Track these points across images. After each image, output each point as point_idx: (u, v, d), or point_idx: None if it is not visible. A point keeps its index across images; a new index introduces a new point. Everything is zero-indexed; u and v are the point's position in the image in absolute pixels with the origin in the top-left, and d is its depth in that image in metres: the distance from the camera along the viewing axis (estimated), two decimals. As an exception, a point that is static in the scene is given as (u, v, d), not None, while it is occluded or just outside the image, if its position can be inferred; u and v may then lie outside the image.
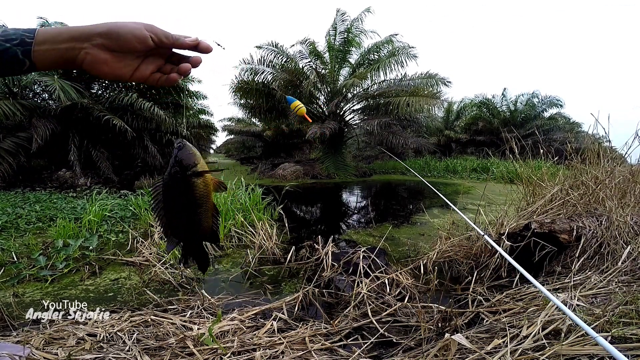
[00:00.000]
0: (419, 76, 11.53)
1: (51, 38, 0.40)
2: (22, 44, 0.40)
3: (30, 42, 0.40)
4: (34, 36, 0.40)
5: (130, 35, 0.41)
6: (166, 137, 10.31)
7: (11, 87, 7.28)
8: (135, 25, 0.42)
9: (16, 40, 0.40)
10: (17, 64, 0.40)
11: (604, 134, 2.75)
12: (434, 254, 2.60)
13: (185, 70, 0.47)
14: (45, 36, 0.40)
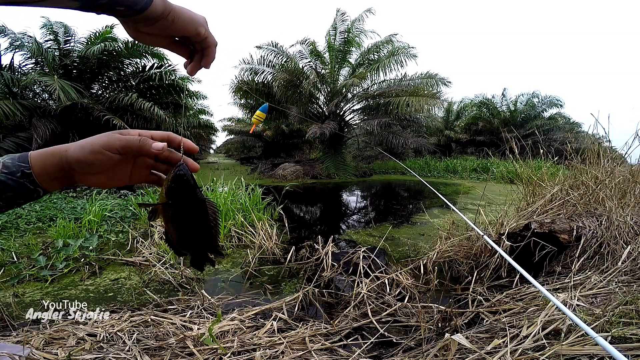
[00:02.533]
0: (418, 76, 11.53)
1: (44, 172, 0.41)
2: (25, 176, 0.41)
3: (30, 172, 0.41)
4: (30, 166, 0.41)
5: (99, 158, 0.40)
6: (166, 137, 10.31)
7: (11, 87, 7.28)
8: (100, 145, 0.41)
9: (18, 173, 0.41)
10: (31, 192, 0.42)
11: (604, 134, 2.75)
12: (434, 254, 2.60)
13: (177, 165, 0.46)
14: (39, 170, 0.41)
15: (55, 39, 8.04)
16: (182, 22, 0.40)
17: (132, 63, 8.77)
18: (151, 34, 0.40)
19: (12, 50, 7.60)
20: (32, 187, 0.41)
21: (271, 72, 11.31)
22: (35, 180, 0.41)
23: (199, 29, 0.41)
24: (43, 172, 0.41)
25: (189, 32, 0.41)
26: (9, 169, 0.41)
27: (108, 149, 0.40)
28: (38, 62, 7.89)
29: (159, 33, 0.40)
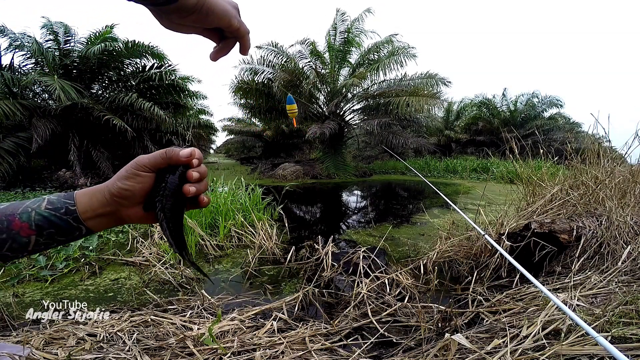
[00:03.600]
0: (419, 76, 11.53)
1: (89, 208, 0.42)
2: (69, 213, 0.42)
3: (74, 209, 0.42)
4: (75, 203, 0.42)
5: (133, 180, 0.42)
6: (166, 137, 10.32)
7: (11, 87, 7.28)
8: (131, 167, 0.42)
9: (62, 209, 0.42)
10: (74, 229, 0.42)
11: (604, 134, 2.75)
12: (434, 254, 2.60)
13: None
14: (84, 207, 0.42)
15: (55, 39, 8.04)
16: (216, 16, 0.39)
17: (132, 63, 8.77)
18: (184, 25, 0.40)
19: (12, 50, 7.61)
20: (74, 224, 0.42)
21: (271, 72, 11.31)
22: (79, 217, 0.42)
23: (232, 20, 0.41)
24: (88, 208, 0.42)
25: (222, 24, 0.41)
26: (53, 204, 0.42)
27: (137, 168, 0.42)
28: (38, 62, 7.90)
29: (192, 25, 0.40)
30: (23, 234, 0.40)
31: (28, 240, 0.40)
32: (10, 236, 0.40)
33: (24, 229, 0.40)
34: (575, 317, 0.82)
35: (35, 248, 0.41)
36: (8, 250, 0.40)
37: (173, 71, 8.82)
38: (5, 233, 0.39)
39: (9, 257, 0.41)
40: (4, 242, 0.40)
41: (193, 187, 0.42)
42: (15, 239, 0.40)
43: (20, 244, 0.40)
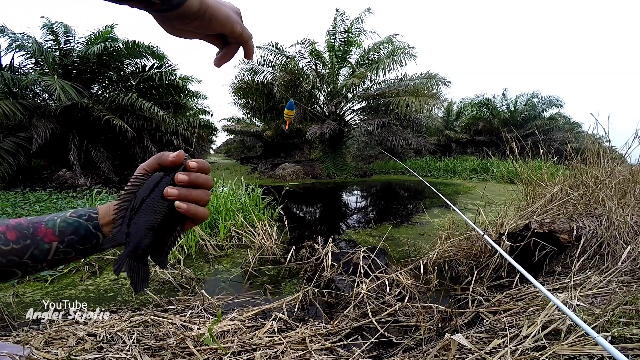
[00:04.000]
0: (418, 76, 11.53)
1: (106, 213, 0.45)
2: (90, 219, 0.44)
3: (96, 215, 0.44)
4: (97, 211, 0.45)
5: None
6: (166, 137, 10.32)
7: (11, 87, 7.28)
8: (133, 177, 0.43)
9: (85, 215, 0.44)
10: (92, 236, 0.44)
11: (604, 134, 2.75)
12: (434, 254, 2.60)
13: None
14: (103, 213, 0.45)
15: (55, 39, 8.04)
16: (219, 22, 0.39)
17: (132, 63, 8.77)
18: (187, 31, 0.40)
19: (12, 50, 7.61)
20: (93, 231, 0.44)
21: (271, 72, 11.31)
22: (98, 224, 0.44)
23: (235, 26, 0.41)
24: (105, 214, 0.44)
25: (225, 30, 0.40)
26: (77, 212, 0.44)
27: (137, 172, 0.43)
28: (38, 62, 7.90)
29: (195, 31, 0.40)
30: (46, 240, 0.41)
31: (49, 246, 0.41)
32: (34, 242, 0.41)
33: (48, 235, 0.41)
34: (575, 318, 0.82)
35: (54, 257, 0.42)
36: (29, 257, 0.40)
37: (173, 71, 8.82)
38: (30, 239, 0.41)
39: (28, 267, 0.41)
40: (26, 248, 0.40)
41: (174, 189, 0.39)
42: (38, 245, 0.41)
43: (41, 250, 0.41)
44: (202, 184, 0.41)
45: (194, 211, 0.40)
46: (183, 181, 0.40)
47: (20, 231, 0.41)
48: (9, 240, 0.40)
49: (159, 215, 0.39)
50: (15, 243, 0.40)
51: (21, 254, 0.40)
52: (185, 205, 0.39)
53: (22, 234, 0.41)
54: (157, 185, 0.40)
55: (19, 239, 0.40)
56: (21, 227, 0.41)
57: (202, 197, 0.41)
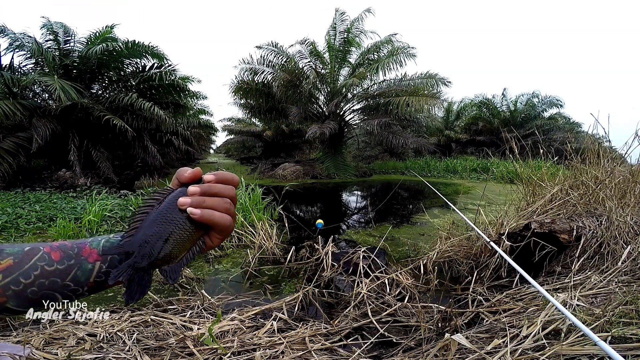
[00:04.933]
0: (418, 76, 11.53)
1: None
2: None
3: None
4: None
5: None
6: (166, 137, 10.33)
7: (11, 87, 7.28)
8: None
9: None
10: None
11: (604, 134, 2.75)
12: (434, 254, 2.60)
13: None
14: None
15: (55, 39, 8.05)
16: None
17: (132, 63, 8.78)
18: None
19: (12, 50, 7.61)
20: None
21: (271, 72, 11.31)
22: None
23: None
24: None
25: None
26: (121, 234, 0.43)
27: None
28: (38, 62, 7.90)
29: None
30: (90, 260, 0.40)
31: (92, 266, 0.40)
32: (78, 262, 0.40)
33: (92, 255, 0.41)
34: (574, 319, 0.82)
35: (96, 280, 0.40)
36: (72, 279, 0.39)
37: (173, 71, 8.82)
38: (74, 259, 0.40)
39: (69, 290, 0.39)
40: (70, 269, 0.39)
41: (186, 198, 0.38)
42: (82, 265, 0.40)
43: (84, 271, 0.40)
44: (216, 192, 0.40)
45: (209, 217, 0.39)
46: (195, 193, 0.39)
47: (65, 251, 0.40)
48: (53, 260, 0.39)
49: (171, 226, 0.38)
50: (60, 263, 0.39)
51: (64, 275, 0.39)
52: (199, 211, 0.38)
53: (67, 254, 0.40)
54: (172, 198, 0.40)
55: (63, 259, 0.39)
56: (65, 248, 0.40)
57: (219, 203, 0.40)
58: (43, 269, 0.38)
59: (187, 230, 0.39)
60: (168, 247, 0.38)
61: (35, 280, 0.37)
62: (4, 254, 0.37)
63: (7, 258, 0.37)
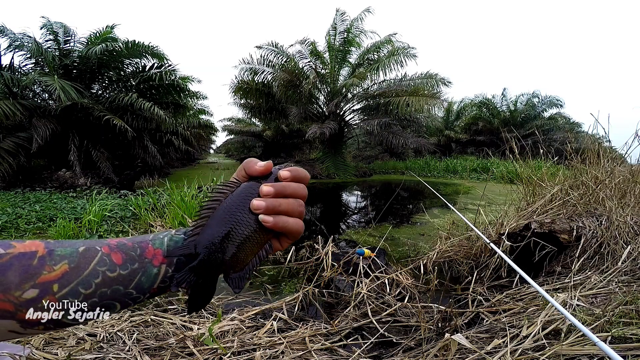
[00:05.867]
0: (418, 76, 11.53)
1: None
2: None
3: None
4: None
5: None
6: (166, 137, 10.33)
7: (11, 87, 7.28)
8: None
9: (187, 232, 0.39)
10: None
11: (604, 134, 2.75)
12: (434, 254, 2.60)
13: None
14: None
15: (55, 39, 8.05)
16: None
17: (132, 63, 8.78)
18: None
19: (12, 50, 7.61)
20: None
21: (271, 72, 11.31)
22: None
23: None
24: None
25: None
26: (183, 230, 0.39)
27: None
28: (38, 62, 7.90)
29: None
30: (155, 263, 0.35)
31: (158, 270, 0.35)
32: (143, 265, 0.34)
33: (157, 257, 0.35)
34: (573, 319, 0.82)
35: (160, 286, 0.35)
36: (135, 287, 0.34)
37: (173, 71, 8.82)
38: (138, 262, 0.34)
39: (130, 298, 0.34)
40: (134, 274, 0.34)
41: (261, 201, 0.34)
42: (147, 270, 0.34)
43: (149, 276, 0.34)
44: (291, 193, 0.36)
45: (283, 225, 0.35)
46: (268, 193, 0.35)
47: (127, 252, 0.34)
48: (116, 264, 0.33)
49: (241, 227, 0.34)
50: (122, 268, 0.33)
51: (127, 282, 0.33)
52: (272, 219, 0.34)
53: (129, 256, 0.34)
54: (242, 194, 0.36)
55: (126, 263, 0.34)
56: (126, 248, 0.35)
57: (294, 207, 0.36)
58: (105, 276, 0.32)
59: (257, 233, 0.35)
60: (236, 251, 0.34)
61: (97, 290, 0.32)
62: (55, 256, 0.31)
63: (61, 263, 0.31)
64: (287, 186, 0.36)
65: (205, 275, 0.34)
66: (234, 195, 0.36)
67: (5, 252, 0.29)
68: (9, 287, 0.28)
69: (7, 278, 0.28)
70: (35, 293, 0.30)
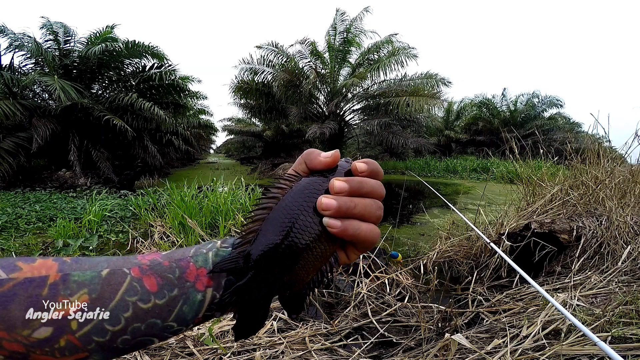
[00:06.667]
0: (419, 76, 11.55)
1: None
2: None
3: None
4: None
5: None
6: (166, 137, 10.33)
7: (11, 87, 7.28)
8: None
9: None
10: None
11: (604, 134, 2.75)
12: (434, 254, 2.60)
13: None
14: None
15: (55, 39, 8.06)
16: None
17: (132, 63, 8.79)
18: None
19: (12, 50, 7.62)
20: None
21: (271, 72, 11.32)
22: None
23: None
24: None
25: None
26: (229, 241, 0.32)
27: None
28: (38, 62, 7.91)
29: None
30: (199, 287, 0.27)
31: (203, 297, 0.28)
32: (183, 291, 0.27)
33: (201, 278, 0.28)
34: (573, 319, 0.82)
35: (205, 314, 0.28)
36: (176, 319, 0.27)
37: (173, 71, 8.83)
38: (177, 287, 0.27)
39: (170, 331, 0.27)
40: (174, 303, 0.26)
41: (331, 200, 0.27)
42: (190, 297, 0.27)
43: (192, 304, 0.27)
44: (368, 192, 0.29)
45: (354, 232, 0.27)
46: (342, 190, 0.27)
47: (162, 275, 0.27)
48: (149, 292, 0.26)
49: (304, 235, 0.27)
50: (158, 296, 0.26)
51: (166, 314, 0.26)
52: (340, 224, 0.27)
53: (166, 281, 0.27)
54: (306, 191, 0.28)
55: (163, 289, 0.26)
56: (162, 270, 0.27)
57: (371, 210, 0.29)
58: (137, 308, 0.26)
59: (323, 242, 0.28)
60: (296, 265, 0.27)
61: (128, 326, 0.25)
62: (70, 282, 0.25)
63: (79, 292, 0.25)
64: (364, 182, 0.29)
65: (257, 296, 0.27)
66: (294, 191, 0.28)
67: (8, 278, 0.23)
68: (13, 325, 0.23)
69: (9, 312, 0.23)
70: (48, 332, 0.24)
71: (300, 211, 0.27)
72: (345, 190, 0.27)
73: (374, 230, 0.29)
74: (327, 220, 0.27)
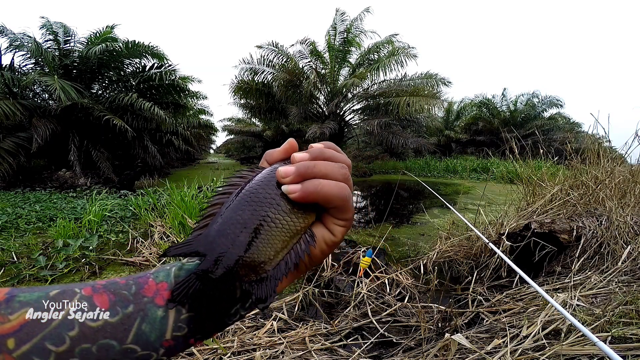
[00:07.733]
0: (419, 76, 11.55)
1: None
2: None
3: None
4: None
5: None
6: (166, 137, 10.33)
7: (11, 87, 7.28)
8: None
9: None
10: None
11: (604, 134, 2.75)
12: (434, 254, 2.60)
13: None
14: None
15: (55, 39, 8.06)
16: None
17: (132, 63, 8.79)
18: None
19: (12, 50, 7.62)
20: None
21: (271, 72, 11.33)
22: None
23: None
24: None
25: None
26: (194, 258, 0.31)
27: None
28: (38, 62, 7.91)
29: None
30: (158, 301, 0.25)
31: (165, 313, 0.25)
32: (140, 307, 0.25)
33: (161, 293, 0.25)
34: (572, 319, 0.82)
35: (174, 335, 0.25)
36: (135, 339, 0.24)
37: (173, 71, 8.83)
38: (133, 303, 0.25)
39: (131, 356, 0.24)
40: (129, 320, 0.24)
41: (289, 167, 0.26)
42: (147, 312, 0.24)
43: (152, 321, 0.24)
44: (329, 157, 0.28)
45: (315, 189, 0.25)
46: (302, 159, 0.27)
47: (116, 292, 0.25)
48: (99, 309, 0.24)
49: (264, 208, 0.25)
50: (110, 313, 0.24)
51: (122, 334, 0.24)
52: (299, 187, 0.25)
53: (120, 297, 0.25)
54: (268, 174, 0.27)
55: (115, 306, 0.24)
56: (116, 287, 0.25)
57: (334, 168, 0.27)
58: (83, 326, 0.24)
59: (288, 214, 0.25)
60: (259, 243, 0.24)
61: (74, 346, 0.23)
62: (14, 303, 0.23)
63: (20, 311, 0.23)
64: (324, 150, 0.28)
65: (215, 284, 0.24)
66: (255, 177, 0.27)
67: None
68: None
69: None
70: None
71: (260, 188, 0.26)
72: (304, 158, 0.27)
73: (339, 184, 0.26)
74: (286, 187, 0.25)
